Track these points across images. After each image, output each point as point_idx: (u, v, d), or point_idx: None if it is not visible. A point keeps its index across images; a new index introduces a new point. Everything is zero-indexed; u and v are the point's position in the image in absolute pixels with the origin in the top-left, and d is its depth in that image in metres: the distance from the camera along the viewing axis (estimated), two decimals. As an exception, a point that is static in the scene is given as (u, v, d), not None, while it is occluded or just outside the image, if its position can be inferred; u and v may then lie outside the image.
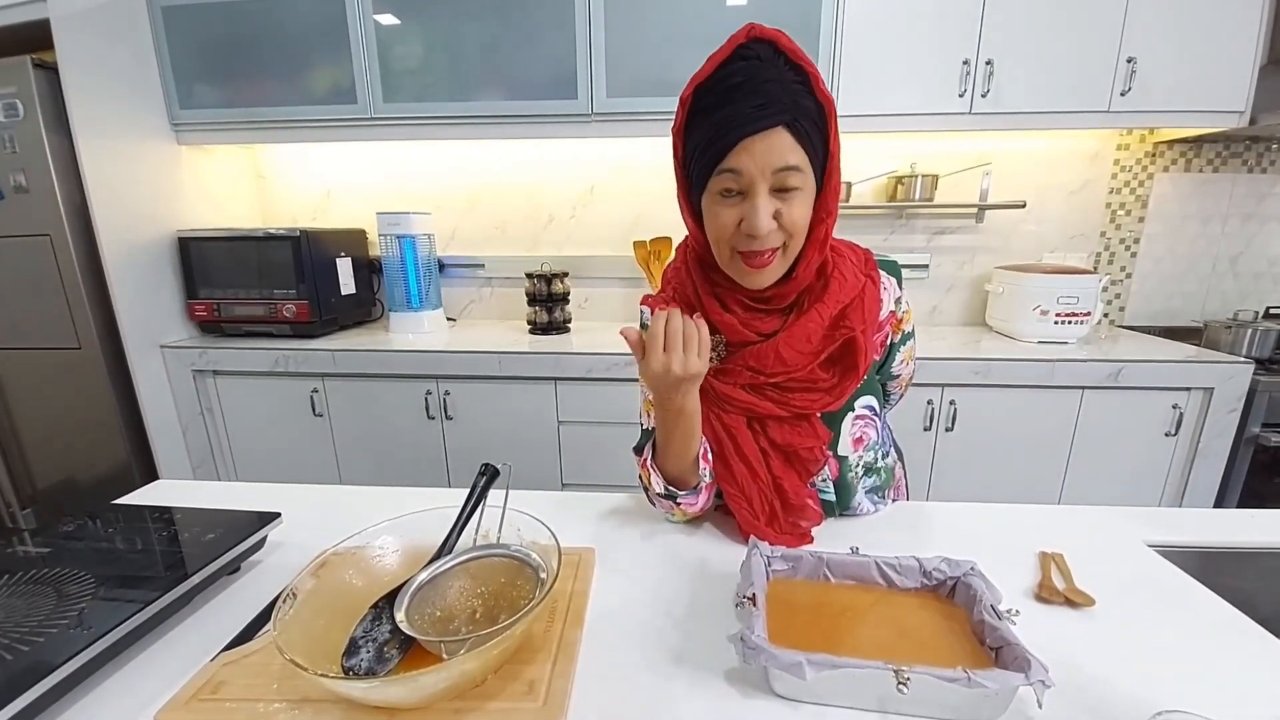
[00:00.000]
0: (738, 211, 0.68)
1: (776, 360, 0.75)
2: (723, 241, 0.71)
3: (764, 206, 0.66)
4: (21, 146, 1.68)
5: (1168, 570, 0.74)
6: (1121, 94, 1.76)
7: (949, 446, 1.82)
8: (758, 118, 0.63)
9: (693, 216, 0.75)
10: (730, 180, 0.66)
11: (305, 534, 0.81)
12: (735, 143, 0.64)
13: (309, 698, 0.52)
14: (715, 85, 0.65)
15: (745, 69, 0.63)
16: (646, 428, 0.88)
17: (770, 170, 0.65)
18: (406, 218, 2.05)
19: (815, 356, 0.76)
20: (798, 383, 0.77)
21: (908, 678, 0.48)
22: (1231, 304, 2.16)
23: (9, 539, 0.73)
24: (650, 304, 0.86)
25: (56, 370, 1.86)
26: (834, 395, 0.77)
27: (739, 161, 0.64)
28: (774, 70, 0.63)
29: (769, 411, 0.77)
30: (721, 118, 0.64)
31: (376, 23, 1.86)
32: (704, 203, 0.71)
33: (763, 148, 0.63)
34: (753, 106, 0.62)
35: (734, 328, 0.76)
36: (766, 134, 0.63)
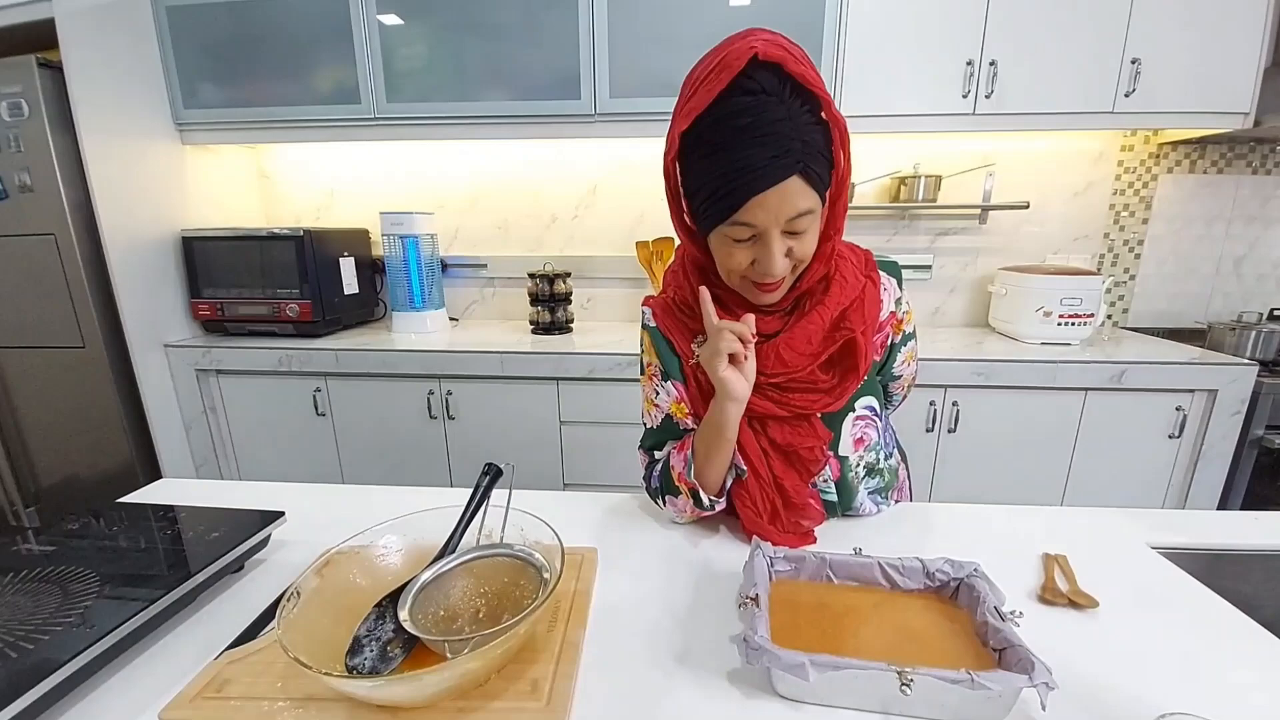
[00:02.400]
0: (750, 253, 0.67)
1: (776, 361, 0.75)
2: (733, 272, 0.71)
3: (778, 250, 0.65)
4: (26, 146, 1.69)
5: (1171, 572, 0.74)
6: (1126, 95, 1.75)
7: (952, 448, 1.82)
8: (771, 171, 0.60)
9: (688, 236, 0.74)
10: (741, 230, 0.65)
11: (309, 533, 0.81)
12: (748, 198, 0.61)
13: (313, 696, 0.52)
14: (719, 122, 0.60)
15: (752, 106, 0.59)
16: (651, 427, 0.88)
17: (784, 219, 0.63)
18: (409, 217, 2.05)
19: (815, 358, 0.76)
20: (798, 383, 0.77)
21: (911, 679, 0.48)
22: (1235, 306, 2.16)
23: (13, 537, 0.74)
24: (652, 305, 0.87)
25: (60, 369, 1.87)
26: (834, 396, 0.77)
27: (752, 217, 0.63)
28: (782, 107, 0.59)
29: (769, 411, 0.77)
30: (731, 170, 0.61)
31: (380, 23, 1.87)
32: (713, 240, 0.70)
33: (776, 200, 0.61)
34: (766, 158, 0.59)
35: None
36: (780, 186, 0.61)
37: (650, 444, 0.89)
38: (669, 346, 0.83)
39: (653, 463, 0.88)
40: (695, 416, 0.83)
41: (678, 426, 0.84)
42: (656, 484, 0.85)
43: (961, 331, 2.18)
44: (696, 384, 0.82)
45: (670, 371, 0.83)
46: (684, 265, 0.80)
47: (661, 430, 0.86)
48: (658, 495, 0.85)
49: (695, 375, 0.81)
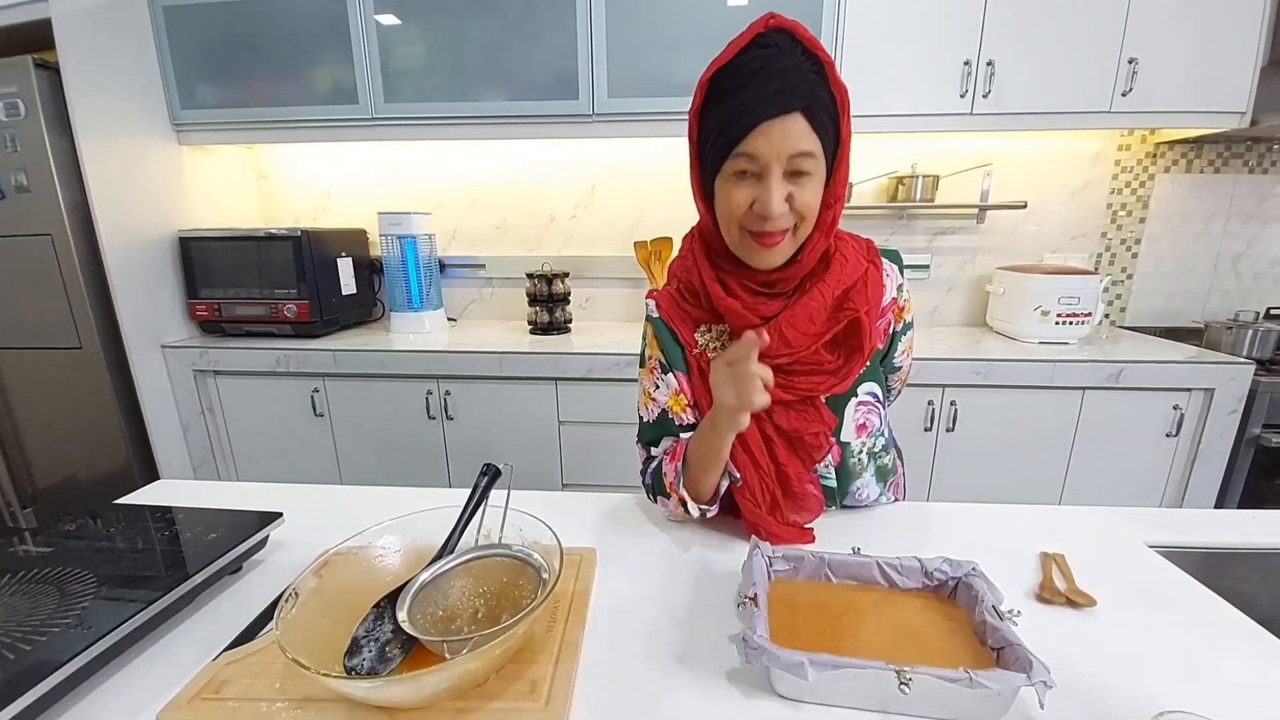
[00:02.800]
0: (751, 193, 0.68)
1: (780, 341, 0.75)
2: (733, 221, 0.71)
3: (777, 189, 0.67)
4: (23, 146, 1.68)
5: (1169, 571, 0.74)
6: (1123, 94, 1.76)
7: (950, 447, 1.82)
8: (775, 103, 0.64)
9: (704, 199, 0.75)
10: (745, 163, 0.67)
11: (307, 534, 0.81)
12: (753, 127, 0.65)
13: (311, 697, 0.52)
14: (734, 70, 0.66)
15: (764, 56, 0.65)
16: (648, 421, 0.88)
17: (785, 155, 0.66)
18: (407, 218, 2.05)
19: (819, 338, 0.76)
20: (803, 365, 0.77)
21: (909, 678, 0.48)
22: (1232, 304, 2.16)
23: (10, 538, 0.74)
24: (655, 297, 0.87)
25: (57, 370, 1.86)
26: (840, 377, 0.77)
27: (755, 146, 0.65)
28: (791, 59, 0.65)
29: (774, 396, 0.73)
30: (740, 102, 0.65)
31: (378, 23, 1.86)
32: (717, 184, 0.71)
33: (779, 132, 0.65)
34: (771, 92, 0.64)
35: (737, 312, 0.76)
36: (783, 119, 0.64)
37: (647, 439, 0.89)
38: (672, 337, 0.83)
39: (650, 459, 0.88)
40: (695, 408, 0.84)
41: (673, 422, 0.85)
42: (650, 481, 0.86)
43: (959, 331, 2.18)
44: (700, 372, 0.82)
45: (672, 362, 0.83)
46: (692, 249, 0.81)
47: (658, 425, 0.86)
48: (650, 492, 0.87)
49: (699, 363, 0.82)
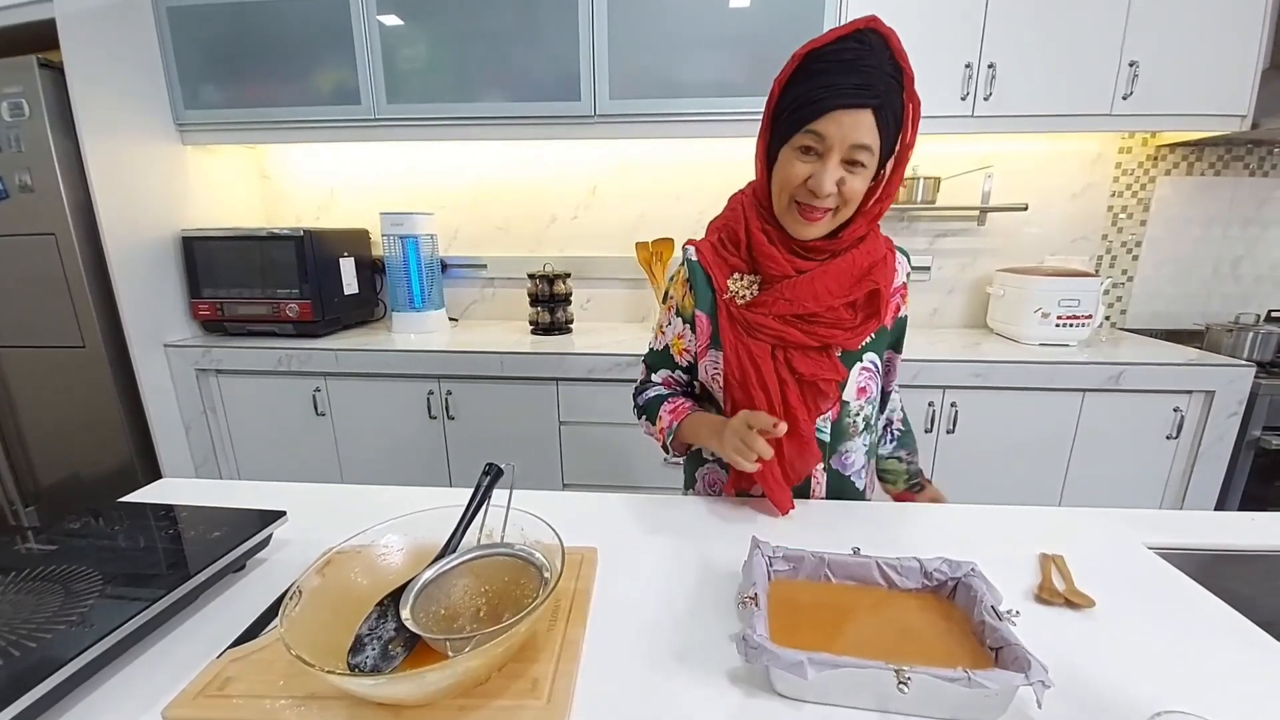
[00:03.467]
0: (809, 169, 0.76)
1: (810, 292, 0.83)
2: (786, 190, 0.79)
3: (832, 171, 0.75)
4: (27, 146, 1.69)
5: (1168, 572, 0.74)
6: (1124, 97, 1.76)
7: (950, 449, 1.83)
8: (853, 95, 0.72)
9: (765, 165, 0.83)
10: (812, 140, 0.75)
11: (310, 532, 0.82)
12: (827, 110, 0.72)
13: (315, 694, 0.52)
14: (827, 54, 0.74)
15: (856, 50, 0.72)
16: (654, 347, 1.00)
17: (848, 143, 0.73)
18: (409, 218, 2.06)
19: (843, 297, 0.84)
20: (825, 318, 0.84)
21: (908, 678, 0.49)
22: (1233, 307, 2.16)
23: (14, 537, 0.74)
24: (696, 244, 0.93)
25: (61, 368, 1.87)
26: (855, 334, 0.86)
27: (825, 127, 0.73)
28: (878, 60, 0.72)
29: (797, 340, 0.84)
30: (823, 84, 0.73)
31: (380, 24, 1.87)
32: (782, 153, 0.79)
33: (849, 121, 0.72)
34: (853, 85, 0.71)
35: (776, 260, 0.84)
36: (855, 111, 0.72)
37: (649, 360, 1.01)
38: (706, 279, 0.90)
39: (646, 382, 1.02)
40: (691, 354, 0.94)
41: (673, 359, 0.97)
42: (643, 403, 1.00)
43: (960, 333, 2.18)
44: (727, 315, 0.88)
45: (700, 302, 0.90)
46: (742, 205, 0.88)
47: (662, 356, 0.99)
48: (639, 411, 1.01)
49: (728, 307, 0.88)
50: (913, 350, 1.83)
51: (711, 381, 0.93)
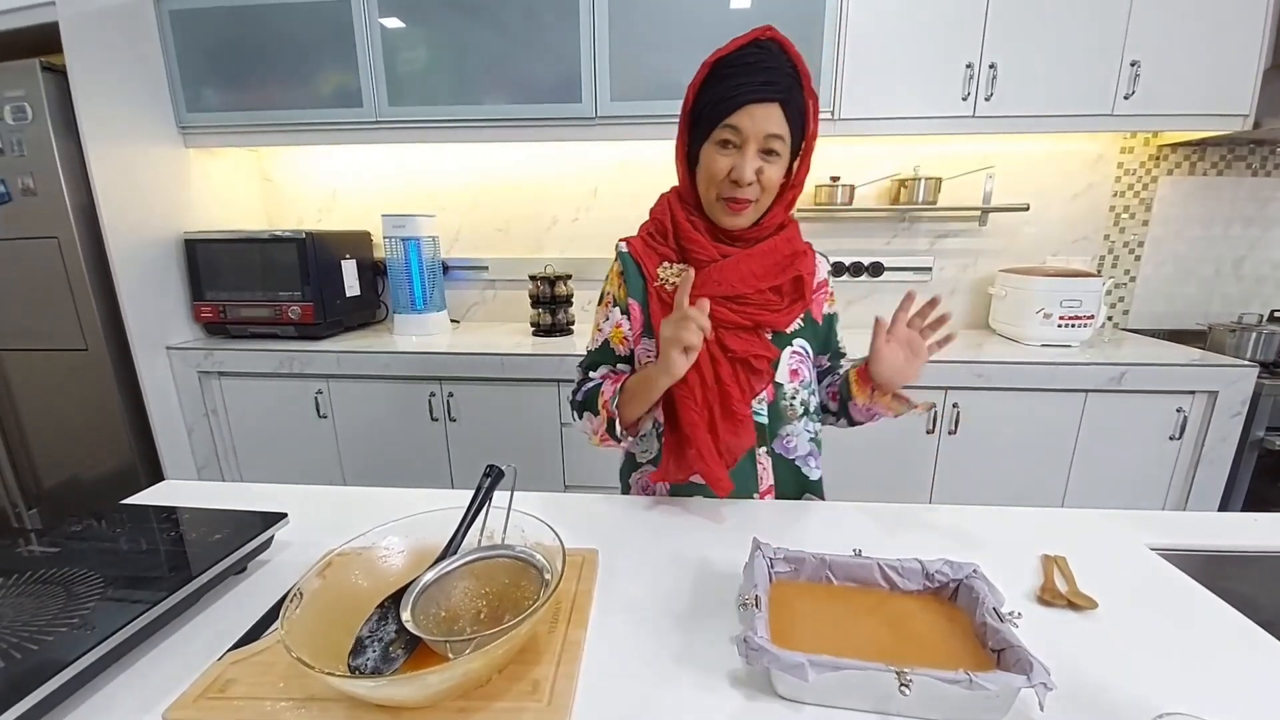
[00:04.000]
0: (730, 161, 0.83)
1: (736, 274, 0.88)
2: (712, 185, 0.86)
3: (751, 160, 0.82)
4: (30, 149, 1.70)
5: (1170, 574, 0.74)
6: (1125, 97, 1.76)
7: (952, 449, 1.82)
8: (761, 91, 0.80)
9: (686, 165, 0.91)
10: (729, 134, 0.82)
11: (311, 534, 0.82)
12: (742, 105, 0.80)
13: (315, 696, 0.52)
14: (734, 60, 0.81)
15: (758, 54, 0.81)
16: (591, 349, 1.01)
17: (762, 134, 0.81)
18: (411, 220, 2.06)
19: (770, 281, 0.90)
20: (753, 299, 0.90)
21: (909, 679, 0.48)
22: (1235, 307, 2.16)
23: (16, 539, 0.74)
24: (627, 240, 0.99)
25: (63, 371, 1.87)
26: (784, 315, 0.92)
27: (740, 121, 0.81)
28: (778, 62, 0.81)
29: (728, 319, 0.88)
30: (735, 84, 0.80)
31: (382, 26, 1.88)
32: (703, 151, 0.86)
33: (761, 114, 0.80)
34: (759, 82, 0.79)
35: (703, 245, 0.89)
36: (765, 105, 0.80)
37: (588, 364, 1.02)
38: (638, 269, 0.95)
39: (585, 380, 1.00)
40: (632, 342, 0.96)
41: (613, 352, 0.98)
42: (581, 399, 0.97)
43: (961, 333, 2.16)
44: (659, 301, 0.92)
45: (633, 292, 0.95)
46: (669, 201, 0.95)
47: (599, 353, 0.99)
48: (578, 409, 0.97)
49: (659, 294, 0.93)
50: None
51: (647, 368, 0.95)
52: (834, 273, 2.22)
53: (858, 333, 2.23)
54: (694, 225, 0.90)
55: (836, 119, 1.84)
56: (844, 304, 2.26)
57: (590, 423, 0.94)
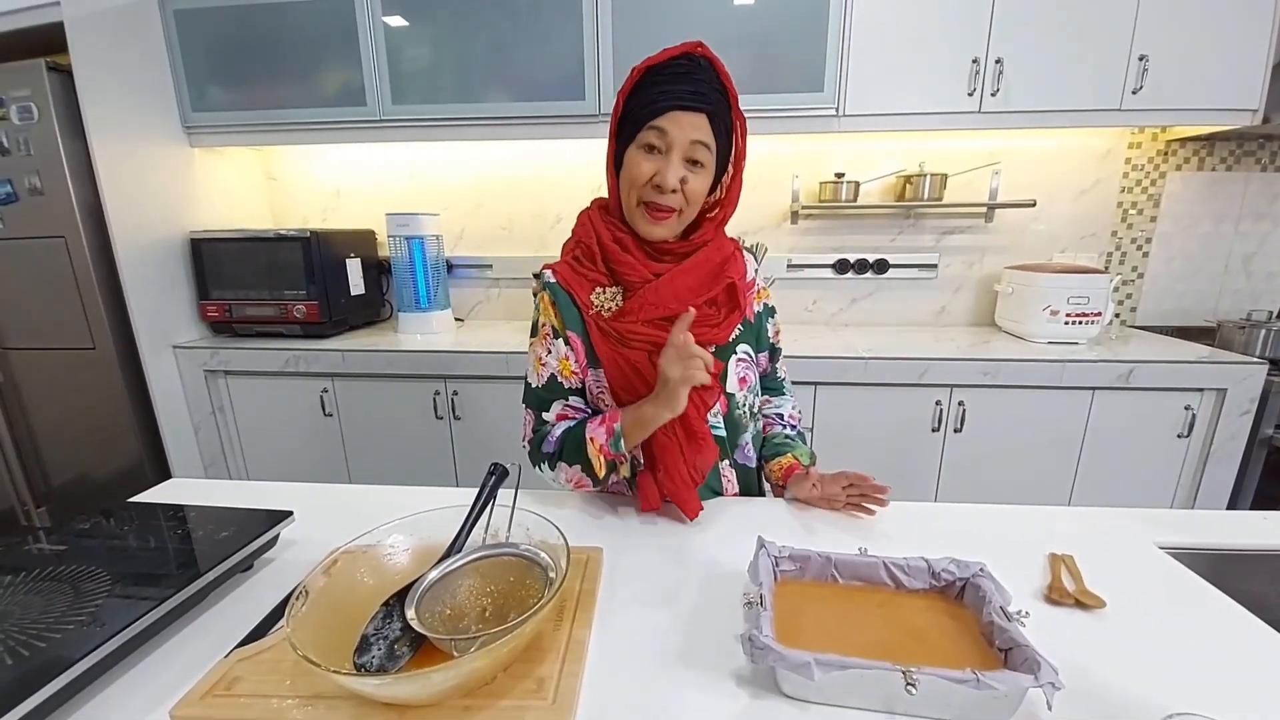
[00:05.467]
0: (655, 166, 0.82)
1: (671, 293, 0.87)
2: (634, 189, 0.84)
3: (675, 166, 0.81)
4: (36, 149, 1.71)
5: (1179, 572, 0.73)
6: (1133, 92, 1.74)
7: (958, 447, 1.81)
8: (690, 99, 0.79)
9: (614, 171, 0.88)
10: (655, 137, 0.81)
11: (317, 532, 0.82)
12: (669, 109, 0.79)
13: (321, 694, 0.52)
14: (664, 69, 0.80)
15: (688, 65, 0.80)
16: (536, 385, 0.95)
17: (688, 140, 0.80)
18: (415, 218, 2.06)
19: (704, 294, 0.88)
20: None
21: (916, 679, 0.48)
22: (1244, 304, 2.14)
23: (24, 537, 0.74)
24: (551, 268, 0.94)
25: (71, 370, 1.88)
26: (722, 328, 0.91)
27: (667, 124, 0.80)
28: (708, 77, 0.81)
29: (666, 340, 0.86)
30: (664, 89, 0.80)
31: (386, 25, 1.88)
32: (628, 154, 0.84)
33: (687, 121, 0.80)
34: (688, 90, 0.79)
35: (633, 266, 0.87)
36: (692, 114, 0.80)
37: (535, 402, 0.96)
38: (570, 299, 0.91)
39: (541, 424, 0.95)
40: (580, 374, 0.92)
41: (562, 385, 0.93)
42: (552, 449, 0.90)
43: (967, 331, 2.17)
44: (598, 331, 0.89)
45: (569, 323, 0.91)
46: (590, 218, 0.92)
47: (547, 388, 0.93)
48: (549, 459, 0.91)
49: (596, 323, 0.89)
50: (919, 348, 1.83)
51: (598, 400, 0.93)
52: (838, 270, 2.21)
53: (858, 331, 2.22)
54: (621, 245, 0.88)
55: (841, 115, 1.83)
56: (848, 301, 2.26)
57: (564, 472, 0.89)
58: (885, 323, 2.26)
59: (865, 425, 1.81)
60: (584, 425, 0.88)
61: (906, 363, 1.75)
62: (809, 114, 1.84)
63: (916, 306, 2.25)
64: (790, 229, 2.22)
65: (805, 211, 2.18)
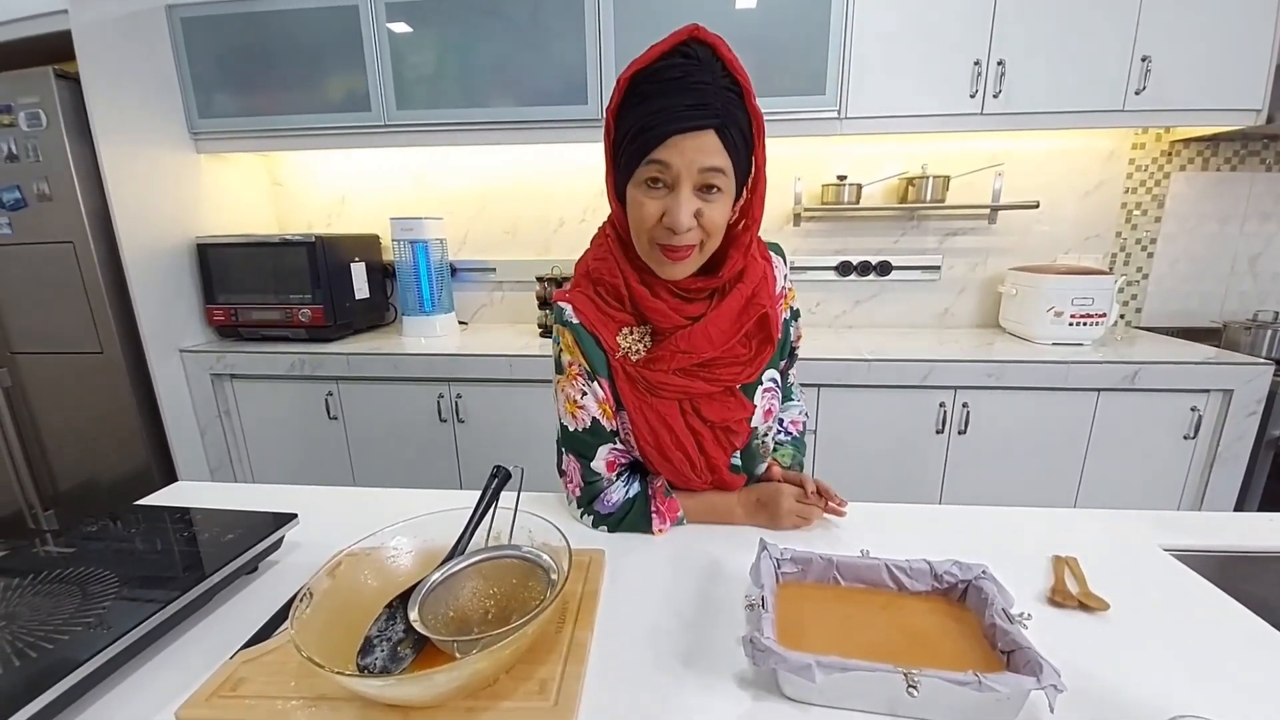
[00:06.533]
0: (661, 204, 0.69)
1: (705, 339, 0.78)
2: (643, 232, 0.72)
3: (686, 203, 0.68)
4: (45, 155, 1.72)
5: (1184, 575, 0.73)
6: (1136, 92, 1.74)
7: (961, 449, 1.81)
8: (689, 116, 0.65)
9: (618, 201, 0.76)
10: (657, 171, 0.68)
11: (321, 535, 0.82)
12: (666, 136, 0.65)
13: (325, 695, 0.53)
14: (654, 75, 0.66)
15: (684, 65, 0.65)
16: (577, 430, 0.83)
17: (696, 169, 0.67)
18: (419, 223, 2.07)
19: (738, 331, 0.79)
20: (723, 359, 0.80)
21: (918, 681, 0.48)
22: (1250, 304, 2.13)
23: (33, 540, 0.75)
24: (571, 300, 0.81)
25: (79, 374, 1.90)
26: (753, 366, 0.82)
27: (668, 155, 0.66)
28: (710, 74, 0.65)
29: (702, 390, 0.80)
30: (656, 108, 0.65)
31: (390, 31, 1.89)
32: (630, 191, 0.72)
33: (692, 146, 0.66)
34: (686, 105, 0.65)
35: (665, 314, 0.78)
36: (696, 134, 0.65)
37: (578, 448, 0.84)
38: (595, 342, 0.80)
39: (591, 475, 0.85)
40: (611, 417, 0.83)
41: (605, 429, 0.83)
42: (607, 512, 0.84)
43: (971, 332, 2.16)
44: (624, 375, 0.81)
45: (596, 367, 0.81)
46: (611, 252, 0.79)
47: (591, 433, 0.83)
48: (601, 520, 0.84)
49: (622, 367, 0.81)
50: (923, 350, 1.83)
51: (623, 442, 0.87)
52: (841, 272, 2.21)
53: (861, 333, 2.22)
54: (650, 289, 0.77)
55: (843, 118, 1.83)
56: (852, 303, 2.26)
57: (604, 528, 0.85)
58: (888, 325, 2.26)
59: (869, 428, 1.81)
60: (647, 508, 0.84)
61: (910, 365, 1.75)
62: (811, 116, 1.84)
63: (920, 308, 2.25)
64: (793, 231, 2.22)
65: (808, 214, 2.18)
